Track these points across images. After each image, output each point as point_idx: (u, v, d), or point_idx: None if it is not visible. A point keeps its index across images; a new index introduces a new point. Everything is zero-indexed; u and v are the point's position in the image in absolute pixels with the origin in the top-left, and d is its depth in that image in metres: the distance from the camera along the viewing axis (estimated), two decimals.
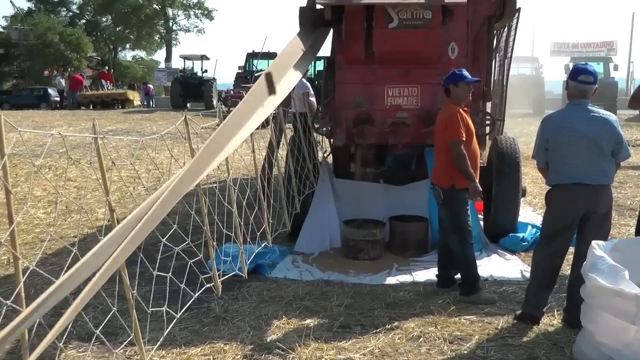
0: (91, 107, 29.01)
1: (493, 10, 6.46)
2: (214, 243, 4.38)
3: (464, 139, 4.75)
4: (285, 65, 5.17)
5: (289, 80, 5.12)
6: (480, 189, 4.79)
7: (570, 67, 4.86)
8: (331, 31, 6.78)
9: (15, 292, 2.58)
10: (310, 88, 9.18)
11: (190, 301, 4.24)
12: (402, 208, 6.56)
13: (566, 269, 4.76)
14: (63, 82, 32.18)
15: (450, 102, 4.91)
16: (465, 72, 4.93)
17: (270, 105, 4.52)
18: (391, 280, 5.49)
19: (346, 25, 6.31)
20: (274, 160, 6.53)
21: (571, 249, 4.42)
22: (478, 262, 5.25)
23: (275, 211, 5.93)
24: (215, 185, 4.48)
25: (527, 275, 5.12)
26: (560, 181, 4.20)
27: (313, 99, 8.65)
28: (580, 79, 4.17)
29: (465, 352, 3.98)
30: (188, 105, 28.69)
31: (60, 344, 3.60)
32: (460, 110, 4.84)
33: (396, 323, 4.43)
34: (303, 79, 9.35)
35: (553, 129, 4.21)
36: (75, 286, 2.39)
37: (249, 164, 5.39)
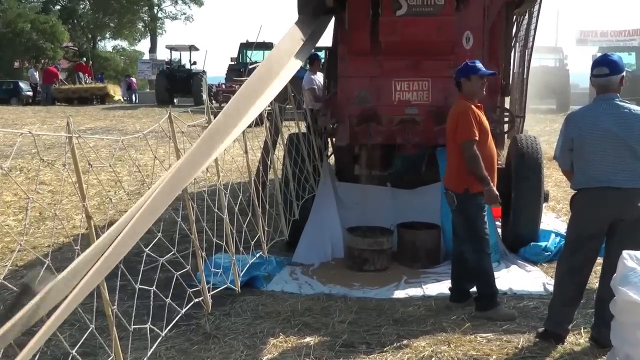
0: (67, 102, 29.01)
1: None
2: (203, 253, 4.38)
3: (476, 138, 4.76)
4: (284, 58, 5.20)
5: (287, 73, 5.14)
6: (497, 193, 4.79)
7: None
8: (333, 19, 6.80)
9: None
10: (315, 83, 9.24)
11: (177, 317, 4.24)
12: (411, 214, 6.57)
13: (594, 281, 4.76)
14: (36, 75, 32.20)
15: (462, 98, 4.92)
16: (479, 64, 4.93)
17: (266, 99, 4.55)
18: (400, 294, 5.50)
19: (350, 13, 6.32)
20: (269, 162, 6.53)
21: (599, 260, 4.42)
22: (496, 274, 5.25)
23: (272, 218, 5.93)
24: (204, 189, 4.49)
25: (550, 288, 5.12)
26: (586, 185, 4.20)
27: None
28: (594, 72, 4.20)
29: None
30: (175, 100, 28.68)
31: None
32: (473, 106, 4.84)
33: (405, 341, 4.44)
34: (310, 73, 9.43)
35: (578, 127, 4.22)
36: (48, 309, 2.39)
37: (242, 165, 5.40)
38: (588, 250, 4.27)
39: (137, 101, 32.24)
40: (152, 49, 47.68)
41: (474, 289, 5.09)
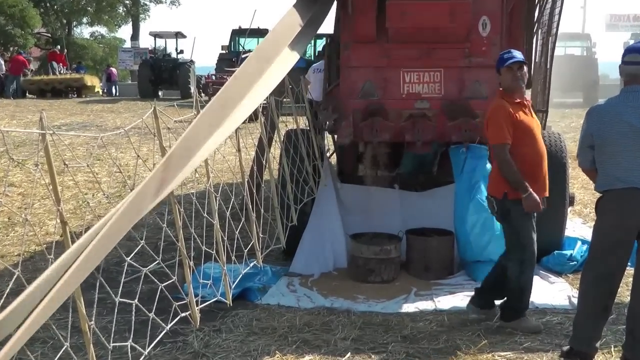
0: (40, 95, 29.02)
1: None
2: (191, 262, 4.39)
3: (508, 141, 4.78)
4: (279, 45, 5.19)
5: (283, 63, 5.14)
6: (538, 200, 4.78)
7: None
8: (335, 2, 6.80)
9: None
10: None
11: (162, 334, 4.25)
12: (421, 219, 6.58)
13: (625, 294, 4.77)
14: (3, 64, 32.18)
15: (499, 94, 5.00)
16: (509, 54, 4.93)
17: (260, 94, 4.55)
18: (409, 307, 5.51)
19: None
20: (264, 162, 6.55)
21: (629, 270, 4.42)
22: None
23: (267, 223, 5.94)
24: (192, 192, 4.50)
25: (576, 302, 5.13)
26: (610, 186, 4.19)
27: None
28: (626, 59, 4.20)
29: None
30: (160, 93, 28.70)
31: None
32: (509, 103, 4.85)
33: None
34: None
35: (599, 122, 4.20)
36: (17, 324, 2.40)
37: (234, 165, 5.41)
38: (616, 258, 4.25)
39: (117, 94, 32.24)
40: (134, 36, 47.67)
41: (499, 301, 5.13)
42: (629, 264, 4.35)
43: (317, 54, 18.71)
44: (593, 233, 4.41)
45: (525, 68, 4.96)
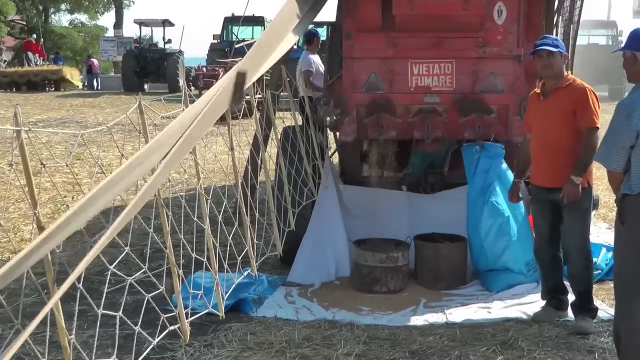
0: (14, 88, 29.05)
1: None
2: (180, 271, 4.40)
3: (525, 130, 5.51)
4: (278, 37, 5.17)
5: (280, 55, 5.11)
6: (516, 190, 5.57)
7: None
8: None
9: None
10: (313, 65, 9.31)
11: (149, 349, 4.26)
12: (431, 224, 6.59)
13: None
14: None
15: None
16: (540, 40, 5.27)
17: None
18: (417, 320, 5.52)
19: None
20: (260, 161, 6.55)
21: None
22: (536, 297, 5.48)
23: (262, 228, 5.95)
24: (181, 194, 4.51)
25: (603, 315, 5.16)
26: None
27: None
28: None
29: None
30: (145, 86, 28.75)
31: None
32: (535, 92, 5.37)
33: None
34: (307, 53, 9.51)
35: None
36: None
37: (227, 165, 5.41)
38: None
39: (99, 87, 32.33)
40: (118, 24, 47.69)
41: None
42: None
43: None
44: (616, 245, 4.20)
45: (550, 54, 5.11)
